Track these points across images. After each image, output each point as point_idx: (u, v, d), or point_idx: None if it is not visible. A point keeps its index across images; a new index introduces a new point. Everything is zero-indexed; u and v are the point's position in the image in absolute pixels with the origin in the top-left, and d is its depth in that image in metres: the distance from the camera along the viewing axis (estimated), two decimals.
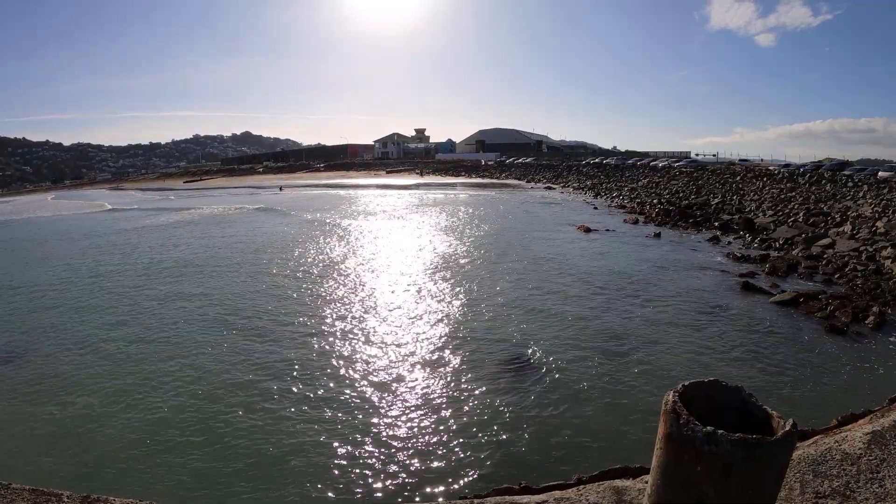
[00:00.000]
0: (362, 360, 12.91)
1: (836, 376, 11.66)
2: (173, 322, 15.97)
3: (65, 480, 8.03)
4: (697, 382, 1.84)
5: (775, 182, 50.36)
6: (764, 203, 39.08)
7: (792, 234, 27.05)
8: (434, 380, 11.78)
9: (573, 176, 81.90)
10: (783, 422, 1.68)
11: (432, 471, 8.45)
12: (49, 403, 10.97)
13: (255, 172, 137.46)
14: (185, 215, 49.54)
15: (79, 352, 13.83)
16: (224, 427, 9.85)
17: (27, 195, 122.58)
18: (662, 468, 1.75)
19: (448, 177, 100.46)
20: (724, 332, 14.42)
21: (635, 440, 9.02)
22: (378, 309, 17.04)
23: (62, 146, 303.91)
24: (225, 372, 12.26)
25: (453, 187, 75.86)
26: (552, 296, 17.99)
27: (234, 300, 18.18)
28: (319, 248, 28.56)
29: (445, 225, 37.03)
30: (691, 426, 1.62)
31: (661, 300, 17.35)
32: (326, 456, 8.88)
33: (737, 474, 1.56)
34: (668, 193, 51.47)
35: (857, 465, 3.14)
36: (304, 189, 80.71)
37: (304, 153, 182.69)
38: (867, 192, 37.56)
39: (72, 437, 9.65)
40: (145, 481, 8.29)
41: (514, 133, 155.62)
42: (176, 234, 36.56)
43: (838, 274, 20.06)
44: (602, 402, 10.63)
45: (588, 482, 3.34)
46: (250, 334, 14.79)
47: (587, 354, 12.96)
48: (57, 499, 2.83)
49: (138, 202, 71.65)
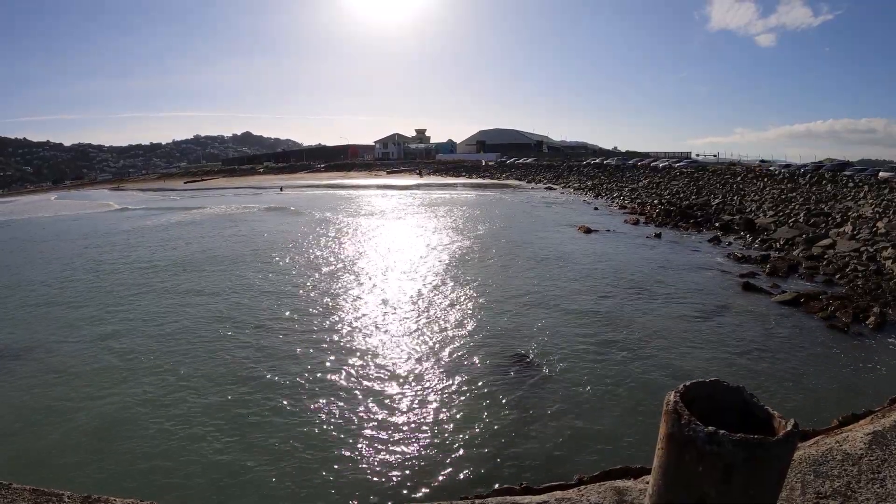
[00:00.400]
0: (365, 359, 12.91)
1: (836, 377, 11.66)
2: (191, 316, 16.02)
3: (65, 480, 8.03)
4: (699, 383, 1.84)
5: (776, 182, 50.33)
6: (765, 203, 39.05)
7: (792, 234, 27.04)
8: (435, 379, 11.78)
9: (574, 176, 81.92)
10: (784, 422, 1.68)
11: (433, 470, 8.45)
12: (54, 401, 10.99)
13: (255, 173, 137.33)
14: (194, 214, 49.82)
15: (98, 348, 13.86)
16: (226, 426, 9.85)
17: (28, 195, 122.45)
18: (664, 468, 1.75)
19: (449, 177, 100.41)
20: (725, 333, 14.43)
21: (636, 440, 9.03)
22: (381, 308, 17.04)
23: (63, 146, 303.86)
24: (227, 370, 12.27)
25: (454, 188, 75.85)
26: (553, 296, 17.99)
27: (236, 297, 18.20)
28: (321, 248, 28.54)
29: (447, 225, 37.03)
30: (693, 426, 1.62)
31: (662, 300, 17.35)
32: (327, 454, 8.88)
33: (738, 475, 1.56)
34: (669, 194, 51.44)
35: (858, 466, 3.14)
36: (305, 189, 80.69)
37: (305, 153, 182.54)
38: (868, 193, 37.53)
39: (73, 437, 9.66)
40: (146, 481, 8.29)
41: (515, 133, 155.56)
42: (191, 232, 37.07)
43: (839, 274, 20.05)
44: (603, 402, 10.63)
45: (589, 482, 3.34)
46: (256, 333, 14.78)
47: (588, 354, 12.96)
48: (58, 499, 2.83)
49: (143, 202, 71.68)
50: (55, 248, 32.02)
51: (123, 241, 33.77)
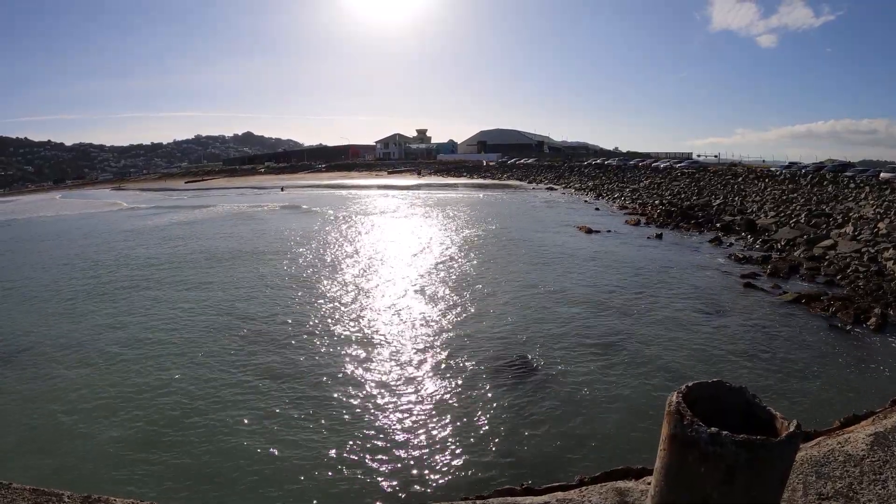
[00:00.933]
0: (365, 361, 12.91)
1: (838, 377, 11.65)
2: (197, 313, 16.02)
3: (65, 480, 8.03)
4: (701, 383, 1.84)
5: (777, 183, 50.30)
6: (766, 204, 39.01)
7: (794, 235, 27.02)
8: (435, 380, 11.78)
9: (575, 177, 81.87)
10: (787, 423, 1.68)
11: (434, 471, 8.44)
12: (55, 402, 10.99)
13: (256, 173, 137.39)
14: (206, 213, 50.29)
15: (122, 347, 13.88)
16: (226, 427, 9.85)
17: (29, 195, 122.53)
18: (666, 469, 1.75)
19: (450, 177, 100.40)
20: (726, 334, 14.42)
21: (637, 441, 9.02)
22: (381, 310, 17.04)
23: (64, 146, 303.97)
24: (226, 371, 12.28)
25: (455, 188, 75.85)
26: (554, 296, 17.98)
27: (237, 300, 18.21)
28: (319, 247, 28.56)
29: (448, 225, 37.04)
30: (695, 427, 1.61)
31: (663, 301, 17.34)
32: (328, 456, 8.88)
33: (741, 476, 1.56)
34: (670, 194, 51.35)
35: (860, 467, 3.13)
36: (306, 189, 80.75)
37: (306, 153, 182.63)
38: (869, 194, 37.46)
39: (73, 437, 9.67)
40: (146, 482, 8.29)
41: (516, 134, 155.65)
42: (218, 229, 37.83)
43: (840, 275, 20.03)
44: (604, 402, 10.62)
45: (590, 483, 3.34)
46: (245, 339, 14.79)
47: (589, 355, 12.95)
48: (58, 498, 2.82)
49: (150, 201, 71.68)
50: (91, 245, 32.29)
51: (159, 237, 34.38)
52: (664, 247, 27.65)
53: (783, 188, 46.53)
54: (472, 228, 35.12)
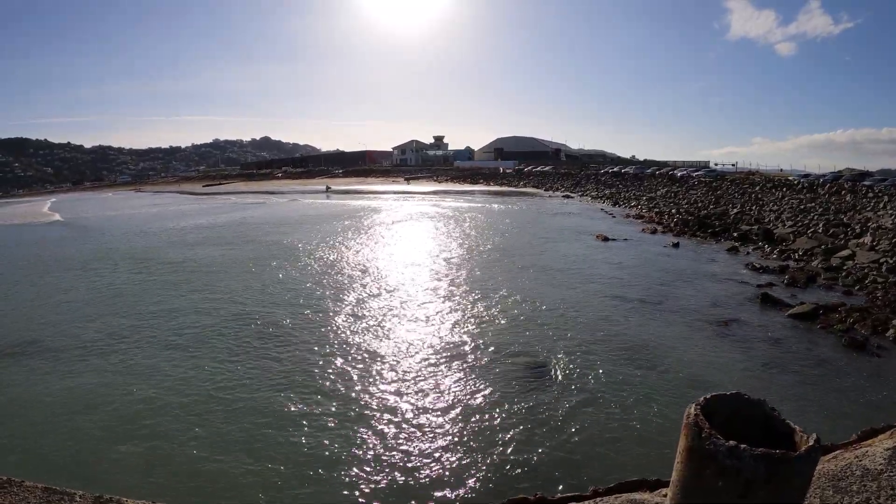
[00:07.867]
0: (380, 365, 12.94)
1: (855, 390, 11.50)
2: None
3: (76, 479, 8.08)
4: (719, 395, 1.82)
5: (794, 192, 49.90)
6: (783, 214, 38.68)
7: (811, 245, 26.78)
8: (450, 386, 11.77)
9: (591, 185, 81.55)
10: (806, 437, 1.66)
11: (447, 479, 8.43)
12: (69, 400, 11.10)
13: (273, 177, 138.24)
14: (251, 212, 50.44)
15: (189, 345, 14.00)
16: (235, 427, 9.90)
17: (62, 194, 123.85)
18: (682, 482, 1.73)
19: (466, 184, 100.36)
20: (743, 344, 14.30)
21: (652, 453, 8.95)
22: (399, 314, 17.08)
23: (83, 148, 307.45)
24: (236, 371, 12.35)
25: (472, 195, 75.86)
26: (569, 304, 17.92)
27: (240, 304, 18.33)
28: (335, 250, 28.69)
29: (467, 232, 37.17)
30: (713, 440, 1.60)
31: (680, 311, 17.23)
32: (338, 460, 8.90)
33: (759, 490, 1.54)
34: (687, 203, 51.05)
35: (877, 481, 3.09)
36: (343, 197, 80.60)
37: (323, 159, 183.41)
38: (888, 203, 37.06)
39: (81, 437, 9.75)
40: (156, 482, 8.34)
41: (533, 141, 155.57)
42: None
43: (858, 286, 19.84)
44: (619, 412, 10.55)
45: (604, 494, 3.32)
46: (252, 342, 14.87)
47: (605, 364, 12.88)
48: (69, 498, 2.84)
49: (177, 202, 72.43)
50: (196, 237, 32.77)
51: (244, 234, 34.79)
52: (681, 256, 27.48)
53: (801, 197, 46.14)
54: (490, 235, 35.18)
